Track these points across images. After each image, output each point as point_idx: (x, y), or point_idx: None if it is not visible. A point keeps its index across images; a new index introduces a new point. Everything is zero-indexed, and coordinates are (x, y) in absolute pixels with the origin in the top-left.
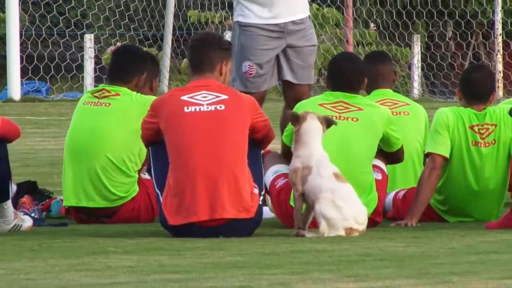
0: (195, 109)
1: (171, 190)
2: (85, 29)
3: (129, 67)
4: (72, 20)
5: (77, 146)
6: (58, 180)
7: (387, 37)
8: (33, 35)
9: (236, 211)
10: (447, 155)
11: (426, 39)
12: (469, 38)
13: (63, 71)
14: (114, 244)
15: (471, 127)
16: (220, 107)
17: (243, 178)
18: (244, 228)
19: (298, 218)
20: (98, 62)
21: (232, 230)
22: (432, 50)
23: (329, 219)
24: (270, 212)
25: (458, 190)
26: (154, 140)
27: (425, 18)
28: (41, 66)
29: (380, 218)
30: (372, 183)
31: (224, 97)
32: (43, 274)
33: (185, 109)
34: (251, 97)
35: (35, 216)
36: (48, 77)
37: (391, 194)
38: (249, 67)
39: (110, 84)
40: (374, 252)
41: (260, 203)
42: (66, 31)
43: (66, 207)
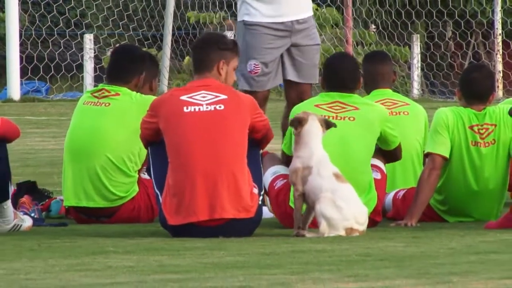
0: (195, 109)
1: (170, 190)
2: (84, 29)
3: (128, 67)
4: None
5: (77, 146)
6: (58, 180)
7: (387, 37)
8: (32, 35)
9: (236, 211)
10: (446, 155)
11: (426, 39)
12: (469, 38)
13: (63, 71)
14: (114, 244)
15: (471, 127)
16: (220, 107)
17: (242, 178)
18: (243, 228)
19: (298, 218)
20: (98, 62)
21: (231, 230)
22: (432, 50)
23: (329, 219)
24: (269, 212)
25: (457, 190)
26: (154, 140)
27: (424, 18)
28: (40, 66)
29: (379, 217)
30: (371, 182)
31: (223, 97)
32: (43, 274)
33: (185, 109)
34: (251, 97)
35: (35, 216)
36: (47, 77)
37: (391, 194)
38: (254, 66)
39: (109, 84)
40: (374, 252)
41: (259, 203)
42: (66, 31)
43: (66, 207)
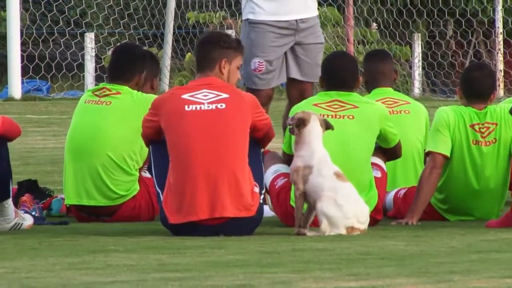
0: (196, 107)
1: (171, 189)
2: (85, 28)
3: (129, 66)
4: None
5: (78, 145)
6: (59, 178)
7: (388, 35)
8: (33, 34)
9: (236, 210)
10: (447, 154)
11: (427, 38)
12: (470, 37)
13: (64, 70)
14: (115, 242)
15: (472, 126)
16: (221, 105)
17: (243, 177)
18: (244, 226)
19: (299, 217)
20: (99, 61)
21: (232, 229)
22: (433, 48)
23: (330, 217)
24: (270, 211)
25: (458, 189)
26: (155, 139)
27: (425, 17)
28: (42, 65)
29: (380, 216)
30: (371, 181)
31: (225, 95)
32: (44, 273)
33: (186, 107)
34: (252, 96)
35: (36, 215)
36: (49, 76)
37: (392, 193)
38: (258, 64)
39: (110, 83)
40: (374, 250)
41: (260, 201)
42: (67, 29)
43: (67, 206)
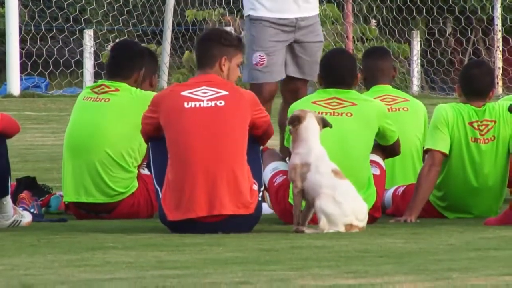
0: (195, 104)
1: (170, 186)
2: (84, 24)
3: (127, 63)
4: (71, 16)
5: (76, 142)
6: (58, 175)
7: (387, 33)
8: (32, 31)
9: (235, 207)
10: (446, 151)
11: (426, 35)
12: (469, 34)
13: (62, 67)
14: (113, 239)
15: (471, 123)
16: (220, 103)
17: (242, 174)
18: (243, 224)
19: (298, 214)
20: (97, 58)
21: (231, 226)
22: (432, 46)
23: (329, 215)
24: (269, 208)
25: (457, 186)
26: (154, 136)
27: (425, 14)
28: (40, 62)
29: (378, 213)
30: (370, 178)
31: (224, 93)
32: (42, 270)
33: (185, 104)
34: (252, 93)
35: (34, 212)
36: (47, 73)
37: (391, 190)
38: (260, 58)
39: (109, 80)
40: (373, 248)
41: (259, 199)
42: (65, 26)
43: (66, 203)
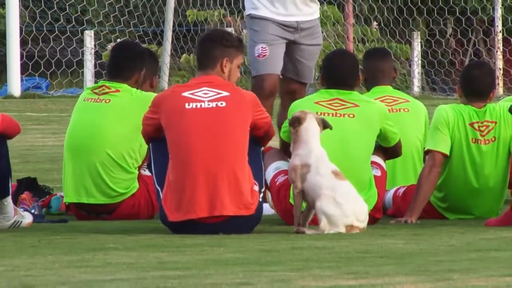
0: (196, 105)
1: (171, 187)
2: (85, 25)
3: (128, 64)
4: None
5: (77, 143)
6: (58, 176)
7: (388, 34)
8: (33, 31)
9: (236, 208)
10: (447, 152)
11: (427, 36)
12: (470, 35)
13: (63, 67)
14: (114, 240)
15: (471, 124)
16: (221, 104)
17: (243, 175)
18: (244, 225)
19: (298, 215)
20: (98, 58)
21: (232, 227)
22: (433, 47)
23: (330, 216)
24: (270, 209)
25: (458, 187)
26: (155, 136)
27: (426, 15)
28: (41, 62)
29: (379, 214)
30: (371, 179)
31: (225, 94)
32: (43, 271)
33: (186, 105)
34: (253, 94)
35: (35, 213)
36: (48, 73)
37: (391, 191)
38: (262, 49)
39: (110, 81)
40: (374, 249)
41: (260, 200)
42: (67, 27)
43: (66, 204)
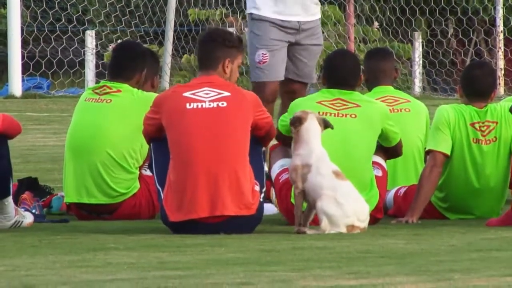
0: (197, 105)
1: (172, 187)
2: (86, 25)
3: (129, 64)
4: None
5: (78, 143)
6: (59, 176)
7: (390, 33)
8: (34, 31)
9: (237, 208)
10: (448, 152)
11: (429, 36)
12: (471, 35)
13: (65, 67)
14: (115, 240)
15: (472, 124)
16: (222, 104)
17: (244, 175)
18: (245, 225)
19: (299, 215)
20: (100, 59)
21: (232, 227)
22: (434, 47)
23: (330, 216)
24: (272, 208)
25: (459, 187)
26: (156, 136)
27: (427, 15)
28: (42, 62)
29: (380, 214)
30: (372, 179)
31: (226, 94)
32: (44, 271)
33: (187, 105)
34: (254, 94)
35: (36, 213)
36: (49, 73)
37: (392, 191)
38: (262, 56)
39: (111, 81)
40: (374, 249)
41: (261, 200)
42: (68, 27)
43: (67, 204)
